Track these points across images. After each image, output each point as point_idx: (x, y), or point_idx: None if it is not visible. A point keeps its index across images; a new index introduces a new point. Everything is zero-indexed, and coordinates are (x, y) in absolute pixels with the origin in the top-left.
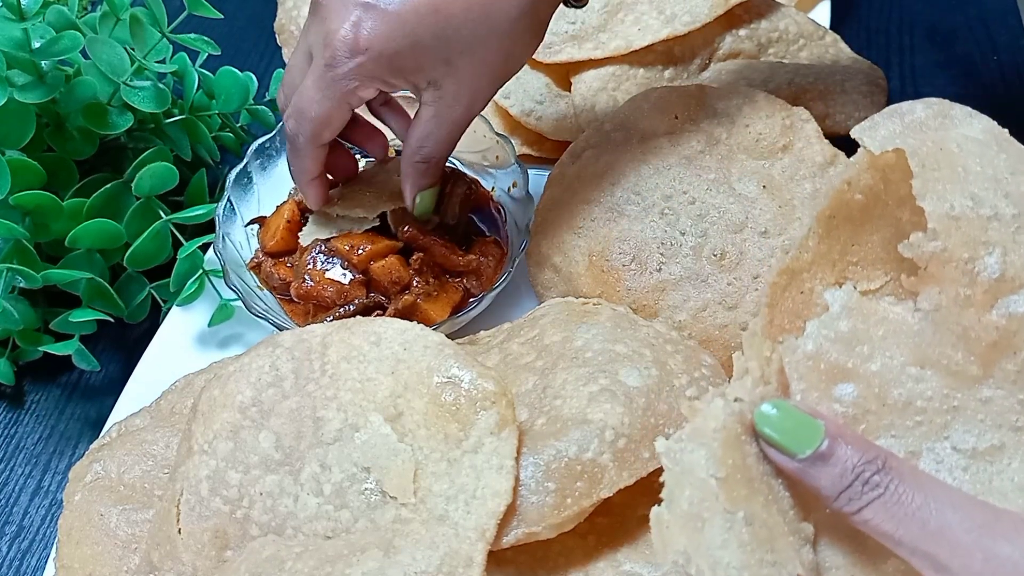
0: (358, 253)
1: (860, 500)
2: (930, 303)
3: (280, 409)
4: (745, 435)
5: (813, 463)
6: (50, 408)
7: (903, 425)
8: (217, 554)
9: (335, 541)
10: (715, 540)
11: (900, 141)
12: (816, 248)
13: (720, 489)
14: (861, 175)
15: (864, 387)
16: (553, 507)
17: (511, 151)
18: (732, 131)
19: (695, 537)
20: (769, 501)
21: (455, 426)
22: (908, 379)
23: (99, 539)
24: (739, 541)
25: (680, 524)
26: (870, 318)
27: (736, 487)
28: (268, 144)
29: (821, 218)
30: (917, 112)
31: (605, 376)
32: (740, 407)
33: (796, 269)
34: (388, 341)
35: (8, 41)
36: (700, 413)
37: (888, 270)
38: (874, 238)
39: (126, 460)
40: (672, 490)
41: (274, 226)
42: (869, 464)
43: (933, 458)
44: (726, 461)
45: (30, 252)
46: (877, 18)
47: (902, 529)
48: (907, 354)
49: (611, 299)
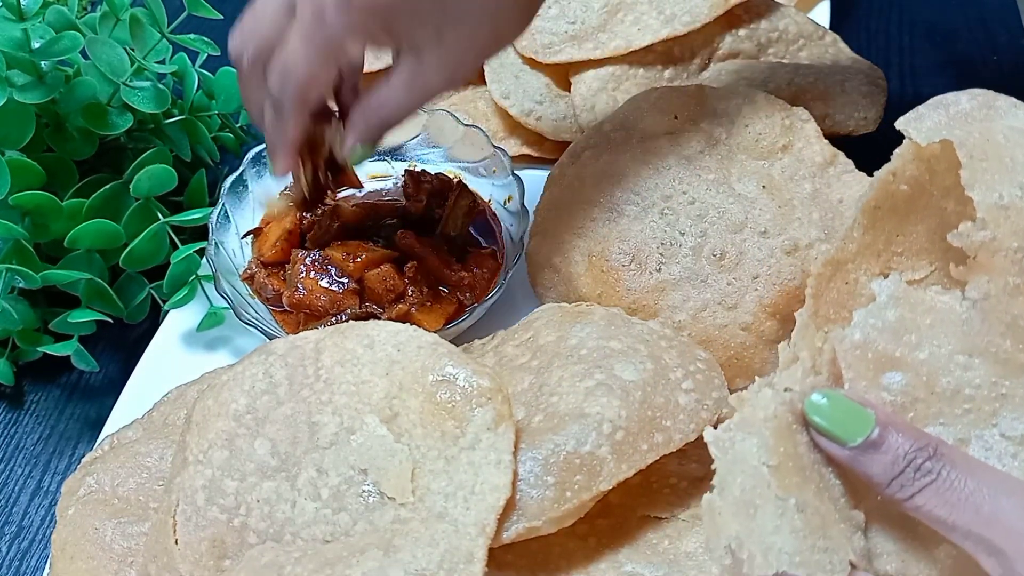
0: (353, 261)
1: (912, 486)
2: (979, 292)
3: (275, 416)
4: (796, 424)
5: (864, 451)
6: (49, 408)
7: (951, 413)
8: (215, 563)
9: (334, 544)
10: (767, 526)
11: (947, 132)
12: (861, 239)
13: (772, 476)
14: (906, 166)
15: (912, 376)
16: (553, 501)
17: (508, 163)
18: (732, 131)
19: (747, 523)
20: (820, 489)
21: (452, 423)
22: (956, 367)
23: (94, 553)
24: (791, 527)
25: (732, 511)
26: (917, 307)
27: (788, 475)
28: (264, 152)
29: (866, 209)
30: (962, 103)
31: (601, 371)
32: (791, 396)
33: (841, 260)
34: (382, 343)
35: (8, 41)
36: (748, 403)
37: (933, 260)
38: (919, 228)
39: (120, 473)
40: (724, 477)
41: (273, 236)
42: (920, 451)
43: (982, 445)
44: (778, 449)
45: (29, 252)
46: (877, 18)
47: (956, 514)
48: (955, 343)
49: (611, 299)
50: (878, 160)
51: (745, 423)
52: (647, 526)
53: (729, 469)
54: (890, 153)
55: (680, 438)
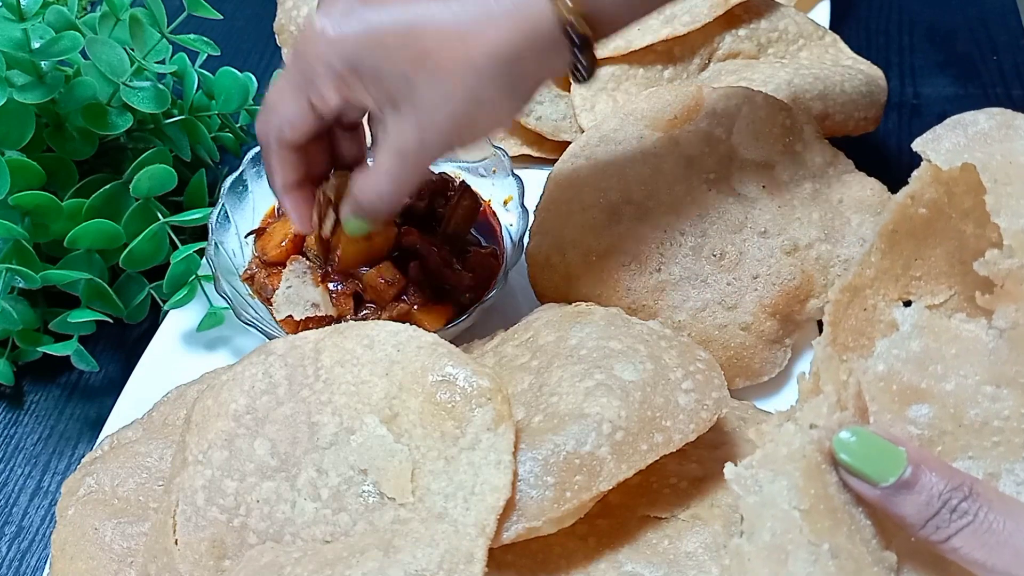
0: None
1: (948, 528)
2: (1006, 321)
3: (275, 416)
4: (825, 464)
5: (897, 491)
6: (49, 408)
7: (980, 446)
8: (215, 564)
9: (334, 545)
10: (800, 573)
11: (967, 155)
12: (879, 264)
13: (804, 521)
14: (925, 189)
15: (939, 408)
16: (553, 501)
17: (508, 163)
18: (732, 131)
19: (779, 570)
20: (852, 531)
21: (451, 424)
22: (984, 398)
23: (94, 553)
24: (825, 574)
25: (763, 557)
26: (942, 336)
27: (820, 518)
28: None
29: (884, 233)
30: (980, 123)
31: (600, 371)
32: (818, 434)
33: (859, 286)
34: (381, 343)
35: (8, 41)
36: (769, 438)
37: (952, 284)
38: (937, 252)
39: (119, 473)
40: (753, 521)
41: (278, 236)
42: (956, 491)
43: (1013, 480)
44: (808, 491)
45: (29, 252)
46: (877, 18)
47: (995, 557)
48: (982, 373)
49: (611, 299)
50: (878, 160)
51: (768, 460)
52: (647, 526)
53: (759, 513)
54: (890, 153)
55: (680, 438)
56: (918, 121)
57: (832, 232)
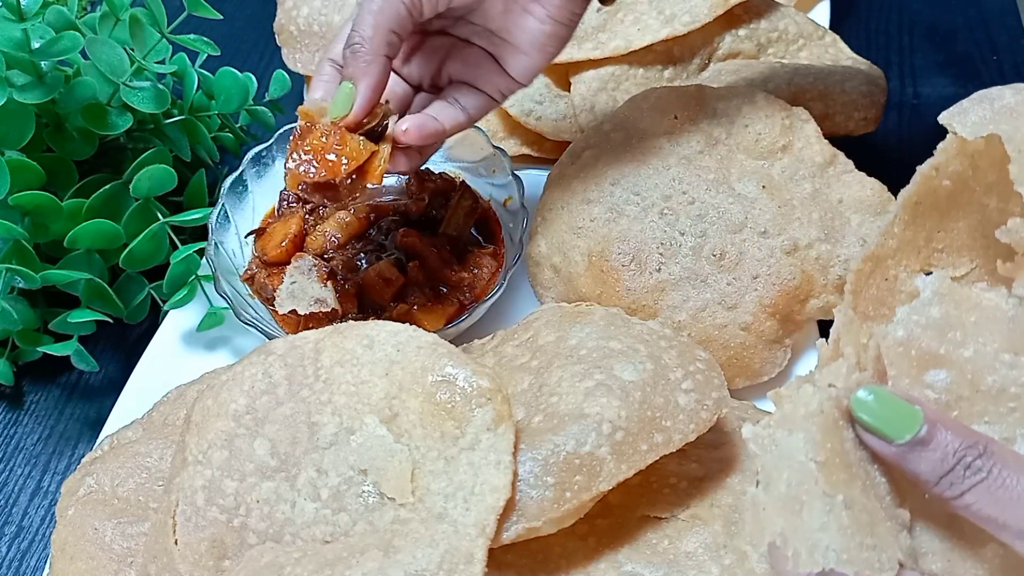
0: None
1: (962, 485)
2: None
3: (274, 416)
4: (842, 420)
5: (912, 448)
6: (49, 408)
7: (996, 412)
8: (215, 564)
9: (334, 545)
10: (814, 523)
11: (993, 127)
12: (902, 234)
13: (820, 473)
14: (950, 161)
15: (957, 373)
16: (552, 501)
17: (508, 163)
18: (731, 131)
19: (793, 520)
20: (867, 487)
21: (451, 424)
22: (1002, 366)
23: (94, 553)
24: (839, 524)
25: (778, 507)
26: (962, 304)
27: (835, 471)
28: (264, 152)
29: (907, 204)
30: (1007, 98)
31: (600, 371)
32: (835, 392)
33: (881, 256)
34: (381, 343)
35: (8, 41)
36: (787, 399)
37: (973, 257)
38: (960, 225)
39: (119, 473)
40: (770, 473)
41: (278, 236)
42: (970, 449)
43: None
44: (825, 445)
45: (29, 252)
46: (877, 18)
47: (1007, 513)
48: (1001, 340)
49: (611, 299)
50: (878, 160)
51: (786, 420)
52: (647, 526)
53: (775, 465)
54: (890, 153)
55: (680, 438)
56: (918, 121)
57: (832, 232)
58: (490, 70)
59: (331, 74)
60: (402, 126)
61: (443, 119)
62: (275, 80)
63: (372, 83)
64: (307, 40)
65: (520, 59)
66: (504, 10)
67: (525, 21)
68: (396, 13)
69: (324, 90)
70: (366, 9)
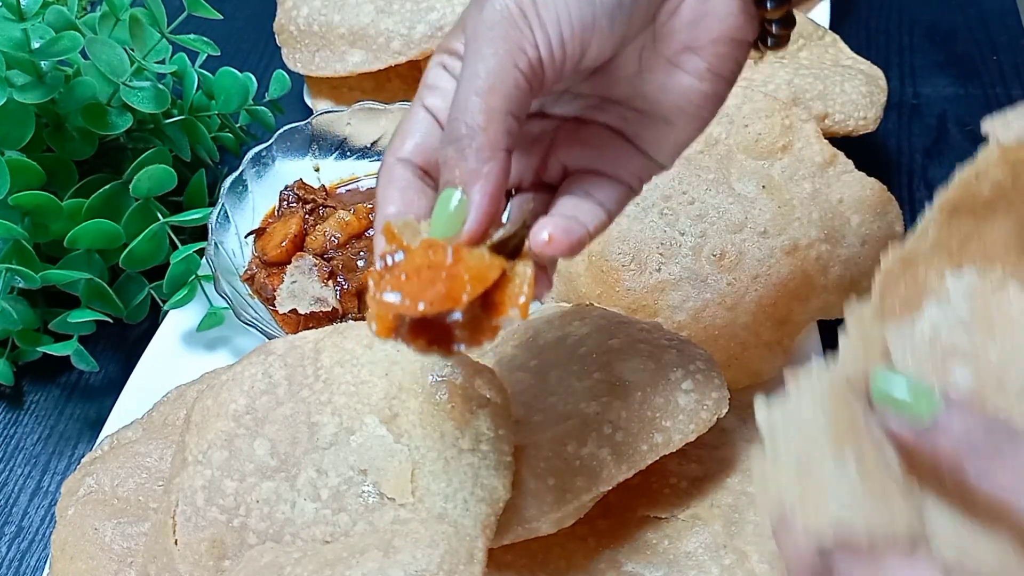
0: None
1: (982, 463)
2: None
3: (274, 416)
4: (853, 395)
5: (932, 425)
6: (49, 408)
7: (1020, 412)
8: (215, 564)
9: (334, 545)
10: (824, 481)
11: None
12: (936, 237)
13: (832, 441)
14: (991, 168)
15: (981, 372)
16: (552, 502)
17: None
18: (731, 131)
19: (804, 479)
20: (878, 457)
21: (451, 424)
22: None
23: (94, 553)
24: (850, 485)
25: (786, 467)
26: (991, 304)
27: (847, 436)
28: (264, 152)
29: (944, 207)
30: None
31: (600, 371)
32: (849, 372)
33: (912, 257)
34: (381, 343)
35: (8, 41)
36: (797, 382)
37: (1006, 264)
38: (994, 234)
39: (119, 473)
40: (775, 435)
41: (279, 236)
42: (990, 428)
43: None
44: (836, 412)
45: (29, 252)
46: (877, 18)
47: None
48: None
49: (611, 299)
50: (878, 160)
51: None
52: (647, 526)
53: (784, 428)
54: (890, 154)
55: (680, 438)
56: (918, 121)
57: (832, 232)
58: (621, 151)
59: (408, 179)
60: (540, 234)
61: (585, 220)
62: (275, 80)
63: (491, 190)
64: (307, 40)
65: (663, 133)
66: (640, 70)
67: (673, 81)
68: (513, 89)
69: (403, 202)
70: (469, 88)
